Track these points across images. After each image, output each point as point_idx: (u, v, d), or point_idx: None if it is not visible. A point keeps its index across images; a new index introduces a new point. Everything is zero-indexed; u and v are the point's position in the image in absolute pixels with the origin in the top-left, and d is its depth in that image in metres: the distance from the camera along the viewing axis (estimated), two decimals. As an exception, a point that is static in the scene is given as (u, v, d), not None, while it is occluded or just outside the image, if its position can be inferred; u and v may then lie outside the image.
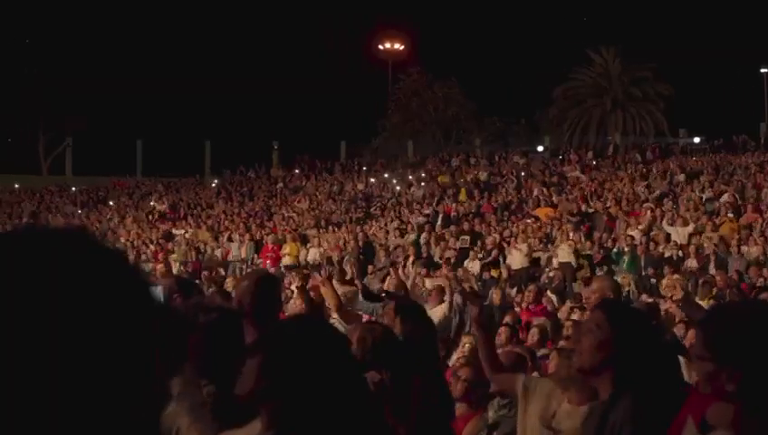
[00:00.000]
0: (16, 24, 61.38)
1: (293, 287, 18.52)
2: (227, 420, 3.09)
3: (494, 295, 16.76)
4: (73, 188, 51.75)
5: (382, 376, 4.76)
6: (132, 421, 1.12)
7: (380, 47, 66.70)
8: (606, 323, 3.74)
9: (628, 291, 18.75)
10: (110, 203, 45.53)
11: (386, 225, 31.07)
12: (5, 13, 60.28)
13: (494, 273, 23.94)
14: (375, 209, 35.40)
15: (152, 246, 30.93)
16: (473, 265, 23.67)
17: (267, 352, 2.63)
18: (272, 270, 24.58)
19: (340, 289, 12.27)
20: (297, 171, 50.22)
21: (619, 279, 12.85)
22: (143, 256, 29.57)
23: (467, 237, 26.88)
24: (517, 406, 6.20)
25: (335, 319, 10.32)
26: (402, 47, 66.68)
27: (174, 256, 28.37)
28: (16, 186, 53.88)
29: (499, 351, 8.45)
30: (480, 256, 24.82)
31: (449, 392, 6.34)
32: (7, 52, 59.55)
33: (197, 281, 20.67)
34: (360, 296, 11.56)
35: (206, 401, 3.27)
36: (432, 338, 6.48)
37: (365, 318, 9.27)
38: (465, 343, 8.73)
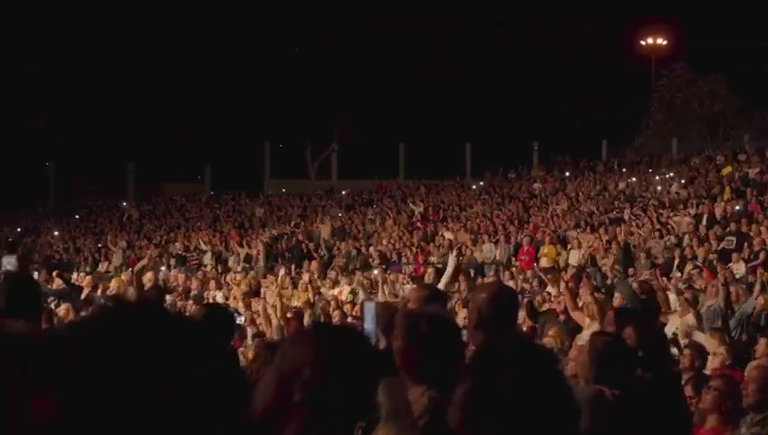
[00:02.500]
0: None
1: (550, 289, 18.54)
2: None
3: (759, 301, 16.06)
4: (343, 192, 53.52)
5: (613, 392, 4.67)
6: None
7: (643, 43, 65.32)
8: None
9: None
10: (373, 206, 46.77)
11: (647, 226, 30.30)
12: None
13: (764, 277, 22.95)
14: (636, 210, 34.58)
15: (412, 249, 31.47)
16: (738, 268, 22.75)
17: (474, 378, 2.53)
18: (528, 272, 24.54)
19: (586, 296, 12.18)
20: (557, 172, 49.81)
21: None
22: (403, 259, 30.19)
23: (733, 238, 25.85)
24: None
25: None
26: (665, 42, 65.00)
27: (433, 258, 28.77)
28: (283, 190, 56.39)
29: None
30: (746, 257, 23.82)
31: (686, 405, 6.17)
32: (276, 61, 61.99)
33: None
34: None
35: (417, 422, 3.24)
36: (659, 344, 6.31)
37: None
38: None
